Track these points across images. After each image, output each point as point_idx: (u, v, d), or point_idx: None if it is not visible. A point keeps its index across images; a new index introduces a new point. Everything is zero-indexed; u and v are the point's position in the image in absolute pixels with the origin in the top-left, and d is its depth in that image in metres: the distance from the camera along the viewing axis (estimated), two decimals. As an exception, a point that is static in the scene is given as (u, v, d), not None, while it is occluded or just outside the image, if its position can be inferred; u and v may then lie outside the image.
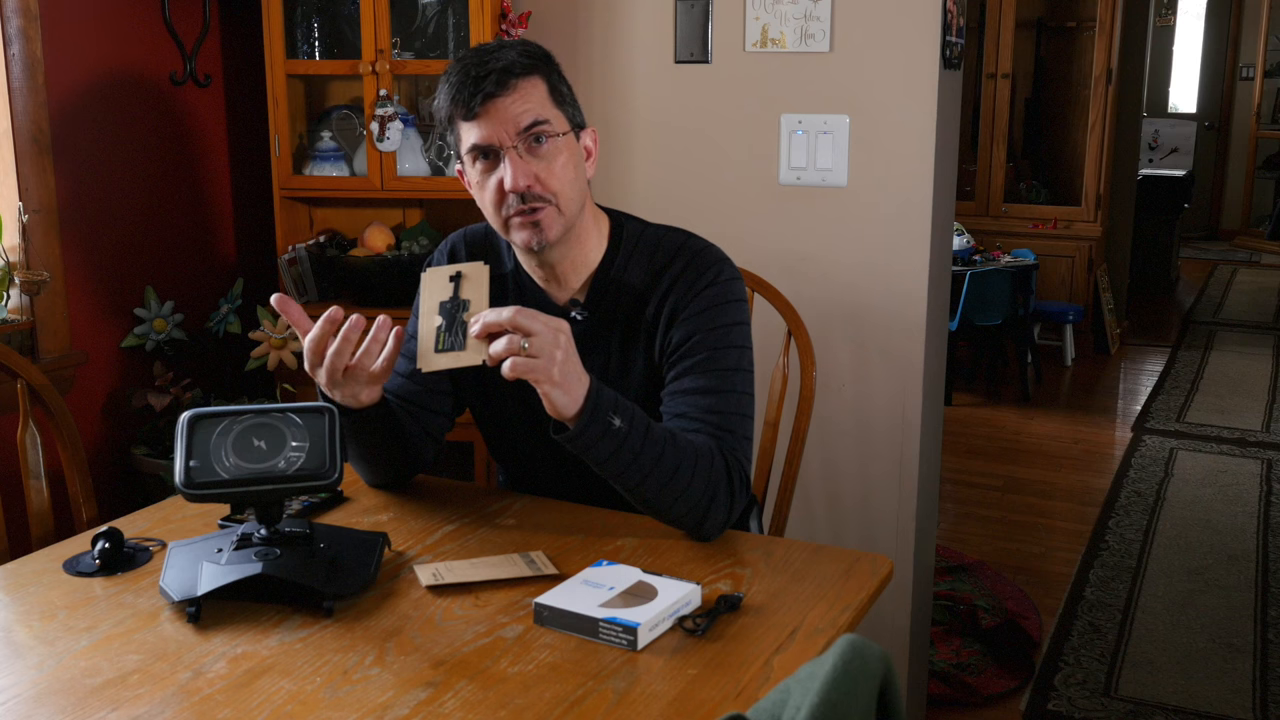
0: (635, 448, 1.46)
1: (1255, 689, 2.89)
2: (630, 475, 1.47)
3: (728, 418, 1.60)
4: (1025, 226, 6.25)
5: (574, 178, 1.61)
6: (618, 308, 1.68)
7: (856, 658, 0.82)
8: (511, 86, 1.56)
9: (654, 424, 1.50)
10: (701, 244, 1.71)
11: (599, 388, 1.45)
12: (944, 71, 2.36)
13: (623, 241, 1.70)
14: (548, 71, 1.61)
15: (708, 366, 1.61)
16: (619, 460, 1.46)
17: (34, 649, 1.29)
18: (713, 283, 1.65)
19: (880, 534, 2.53)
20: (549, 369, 1.39)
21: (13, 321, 2.59)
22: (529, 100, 1.57)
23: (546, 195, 1.58)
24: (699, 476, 1.50)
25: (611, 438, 1.44)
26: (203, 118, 3.05)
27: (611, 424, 1.44)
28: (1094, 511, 4.11)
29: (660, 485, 1.49)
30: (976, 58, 6.30)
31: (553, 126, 1.58)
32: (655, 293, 1.67)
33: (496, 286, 1.73)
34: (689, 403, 1.60)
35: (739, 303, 1.67)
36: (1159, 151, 9.48)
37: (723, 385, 1.61)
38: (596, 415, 1.43)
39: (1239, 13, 10.10)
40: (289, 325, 2.76)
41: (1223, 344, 6.69)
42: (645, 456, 1.47)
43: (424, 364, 1.44)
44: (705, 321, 1.63)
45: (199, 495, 1.39)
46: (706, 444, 1.55)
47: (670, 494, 1.50)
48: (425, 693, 1.19)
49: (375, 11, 2.73)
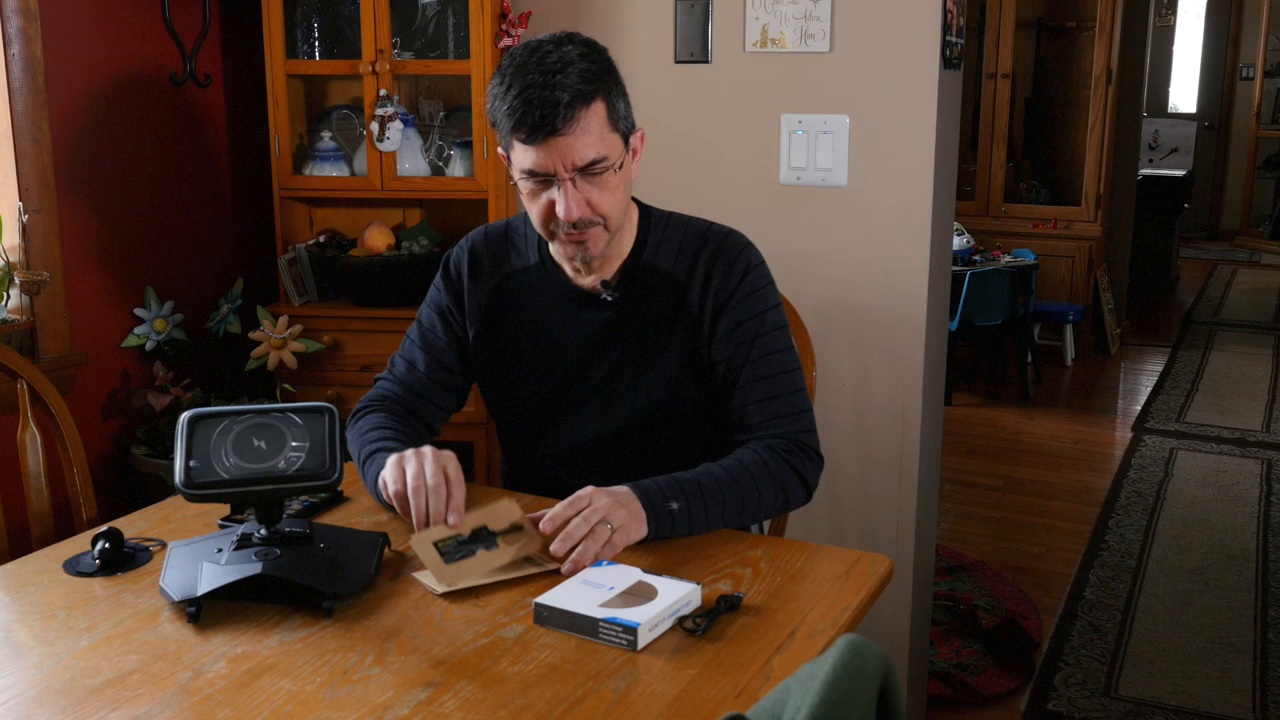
0: (701, 513, 1.55)
1: (1255, 689, 2.89)
2: (710, 527, 1.58)
3: (785, 400, 1.69)
4: (1025, 226, 6.25)
5: (624, 197, 1.64)
6: (651, 293, 1.71)
7: (856, 658, 0.82)
8: (574, 122, 1.53)
9: (705, 476, 1.58)
10: (723, 229, 1.76)
11: (644, 490, 1.53)
12: (944, 71, 2.36)
13: (650, 228, 1.74)
14: (608, 90, 1.58)
15: (760, 353, 1.69)
16: (694, 528, 1.56)
17: (34, 649, 1.29)
18: (748, 269, 1.72)
19: (880, 534, 2.53)
20: (629, 528, 1.49)
21: (13, 321, 2.59)
22: (589, 134, 1.55)
23: (596, 219, 1.60)
24: (765, 489, 1.62)
25: (680, 520, 1.54)
26: (203, 118, 3.05)
27: (671, 510, 1.53)
28: (1094, 511, 4.11)
29: (737, 517, 1.60)
30: (976, 58, 6.30)
31: (610, 159, 1.58)
32: (694, 281, 1.71)
33: (521, 281, 1.75)
34: (747, 394, 1.69)
35: (772, 286, 1.75)
36: (1159, 151, 9.47)
37: (776, 369, 1.70)
38: (660, 518, 1.53)
39: (1239, 13, 10.10)
40: (289, 325, 2.77)
41: (1223, 344, 6.69)
42: (713, 511, 1.57)
43: (416, 543, 1.41)
44: (747, 309, 1.70)
45: (199, 495, 1.39)
46: (760, 451, 1.65)
47: (750, 517, 1.62)
48: (425, 693, 1.19)
49: (375, 11, 2.73)
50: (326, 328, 2.82)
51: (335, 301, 2.92)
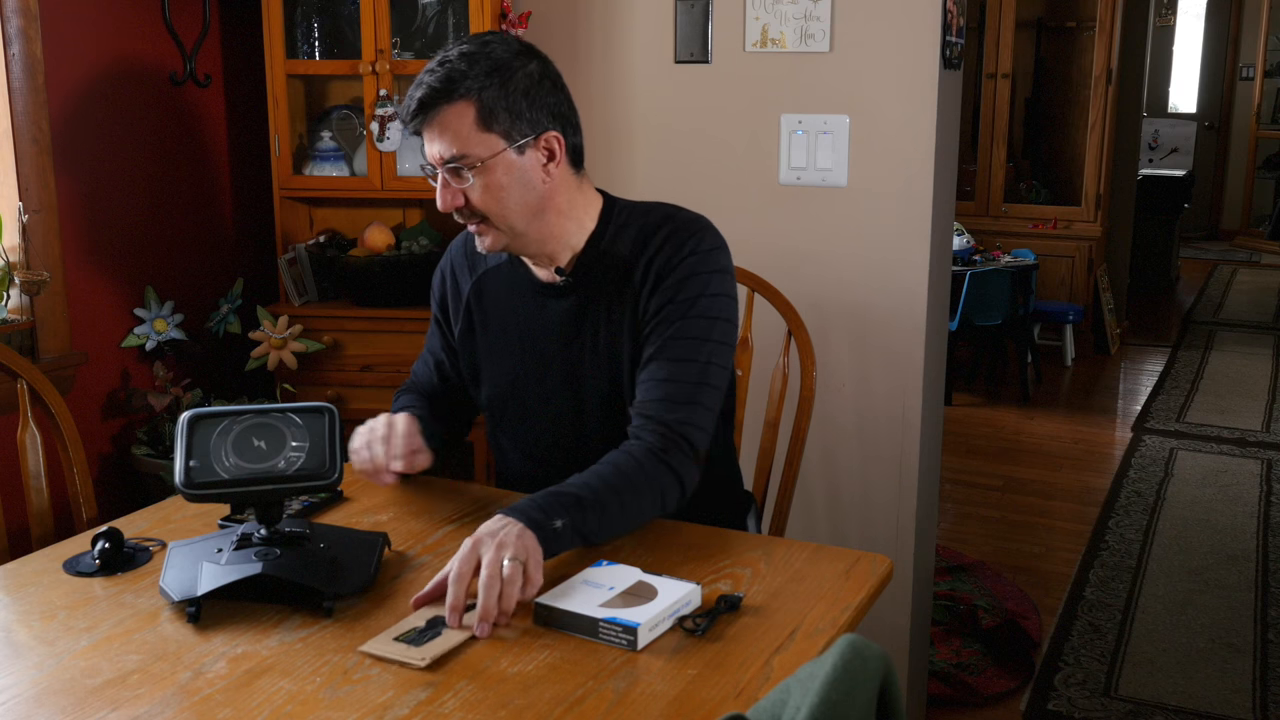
0: (585, 526, 1.47)
1: (1255, 689, 2.89)
2: (595, 541, 1.51)
3: (682, 387, 1.61)
4: (1025, 226, 6.25)
5: (504, 196, 1.60)
6: (606, 279, 1.69)
7: (856, 658, 0.82)
8: (431, 121, 1.58)
9: (582, 489, 1.50)
10: (689, 215, 1.71)
11: (523, 511, 1.43)
12: (944, 71, 2.36)
13: (612, 218, 1.72)
14: (482, 90, 1.56)
15: (675, 335, 1.62)
16: (579, 543, 1.48)
17: (34, 649, 1.29)
18: (693, 252, 1.65)
19: (880, 534, 2.53)
20: (529, 551, 1.37)
21: (13, 321, 2.59)
22: (447, 132, 1.57)
23: (476, 213, 1.62)
24: (644, 495, 1.55)
25: (564, 537, 1.45)
26: (203, 118, 3.05)
27: (556, 528, 1.43)
28: (1094, 511, 4.11)
29: (621, 526, 1.54)
30: (976, 58, 6.30)
31: (473, 158, 1.57)
32: (641, 259, 1.67)
33: (494, 279, 1.78)
34: (649, 370, 1.63)
35: (718, 273, 1.66)
36: (1159, 151, 9.47)
37: (686, 354, 1.62)
38: (546, 536, 1.42)
39: (1239, 13, 10.10)
40: (289, 325, 2.77)
41: (1223, 344, 6.68)
42: (594, 523, 1.48)
43: (372, 646, 1.28)
44: (678, 291, 1.63)
45: (199, 495, 1.39)
46: (635, 453, 1.57)
47: (631, 525, 1.56)
48: (425, 693, 1.19)
49: (375, 11, 2.73)
50: (326, 328, 2.82)
51: (335, 301, 2.92)
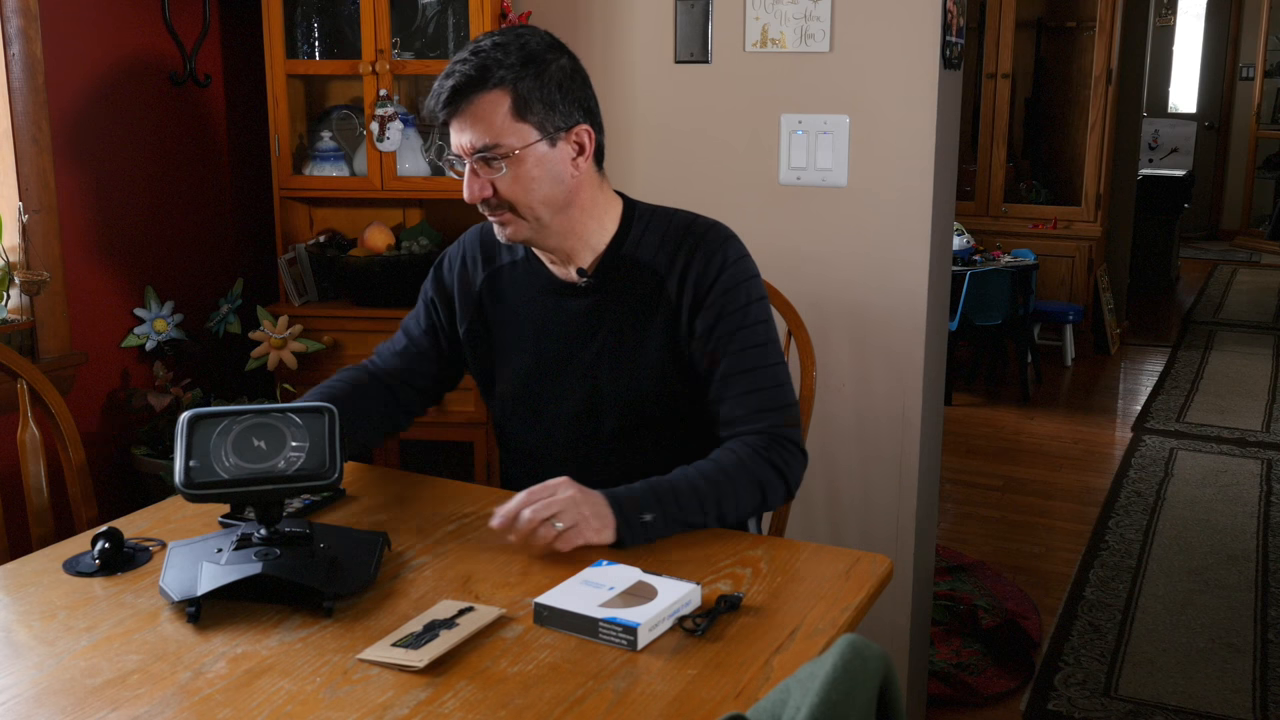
0: (675, 521, 1.55)
1: (1255, 689, 2.89)
2: (688, 528, 1.57)
3: (767, 394, 1.68)
4: (1025, 226, 6.25)
5: (534, 187, 1.62)
6: (631, 283, 1.72)
7: (856, 658, 0.82)
8: (463, 110, 1.58)
9: (681, 482, 1.57)
10: (708, 222, 1.76)
11: (617, 499, 1.52)
12: (944, 71, 2.36)
13: (634, 221, 1.74)
14: (518, 80, 1.58)
15: (741, 348, 1.68)
16: (670, 531, 1.55)
17: (34, 649, 1.29)
18: (727, 263, 1.70)
19: (880, 534, 2.53)
20: (585, 526, 1.48)
21: (13, 321, 2.59)
22: (480, 121, 1.58)
23: (501, 204, 1.63)
24: (742, 491, 1.61)
25: (653, 530, 1.53)
26: (203, 118, 3.05)
27: (645, 521, 1.52)
28: (1094, 511, 4.11)
29: (718, 518, 1.59)
30: (976, 58, 6.29)
31: (505, 148, 1.59)
32: (673, 272, 1.70)
33: (507, 275, 1.77)
34: (728, 388, 1.68)
35: (755, 279, 1.73)
36: (1159, 151, 9.47)
37: (757, 363, 1.68)
38: (632, 528, 1.51)
39: (1239, 13, 10.10)
40: (289, 325, 2.77)
41: (1223, 344, 6.68)
42: (688, 519, 1.56)
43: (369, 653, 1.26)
44: (725, 305, 1.68)
45: (199, 495, 1.39)
46: (738, 451, 1.63)
47: (730, 516, 1.60)
48: (425, 693, 1.19)
49: (375, 11, 2.73)
50: (326, 328, 2.82)
51: (335, 301, 2.92)
